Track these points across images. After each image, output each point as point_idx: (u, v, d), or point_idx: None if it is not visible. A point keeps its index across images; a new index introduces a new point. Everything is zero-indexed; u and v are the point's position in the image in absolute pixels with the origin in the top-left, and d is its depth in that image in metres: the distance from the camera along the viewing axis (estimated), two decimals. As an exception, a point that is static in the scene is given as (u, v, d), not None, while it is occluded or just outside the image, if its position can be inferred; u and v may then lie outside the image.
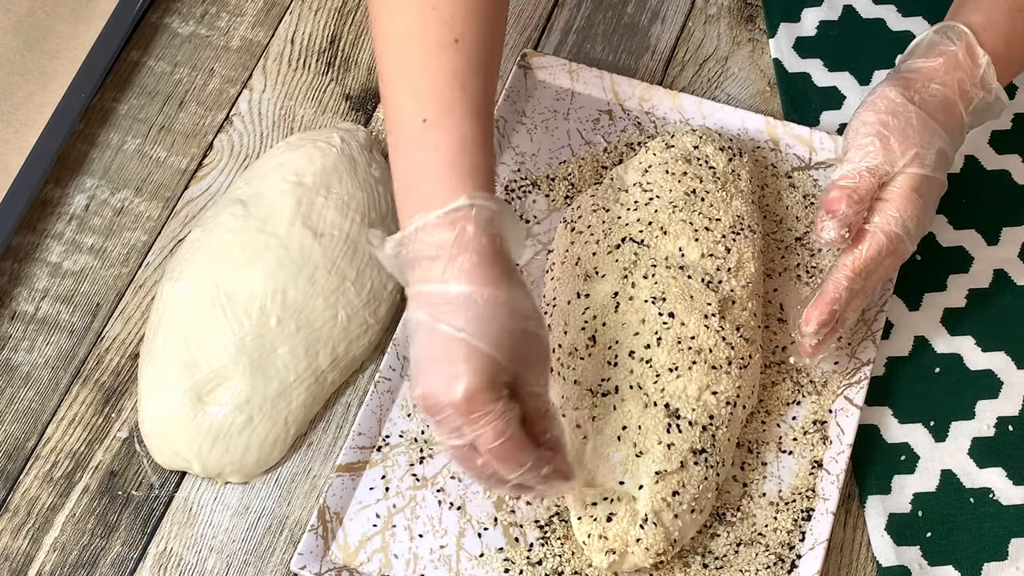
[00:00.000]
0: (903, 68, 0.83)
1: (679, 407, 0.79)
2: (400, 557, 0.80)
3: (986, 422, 0.85)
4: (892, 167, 0.79)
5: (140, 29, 1.04)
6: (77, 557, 0.82)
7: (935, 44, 0.82)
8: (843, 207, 0.78)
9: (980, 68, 0.81)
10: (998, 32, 0.82)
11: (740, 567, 0.80)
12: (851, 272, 0.80)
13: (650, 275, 0.83)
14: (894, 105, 0.80)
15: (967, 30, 0.82)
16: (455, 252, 0.69)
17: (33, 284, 0.92)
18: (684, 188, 0.87)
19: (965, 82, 0.82)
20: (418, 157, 0.72)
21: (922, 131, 0.80)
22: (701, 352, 0.80)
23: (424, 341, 0.69)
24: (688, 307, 0.82)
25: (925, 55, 0.82)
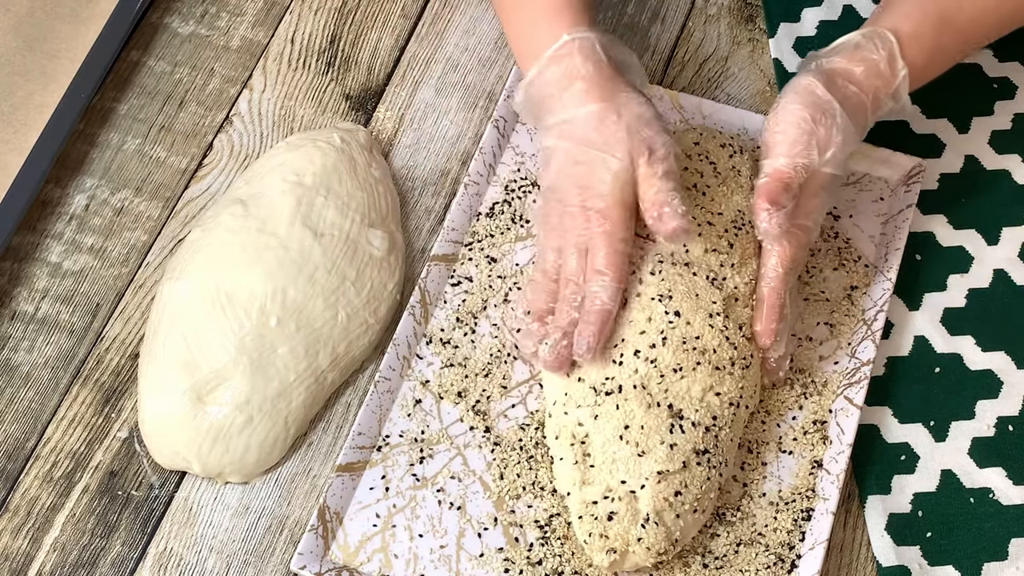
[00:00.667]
0: (824, 64, 0.84)
1: (682, 408, 0.79)
2: (400, 557, 0.80)
3: (986, 422, 0.85)
4: (817, 163, 0.81)
5: (140, 29, 1.04)
6: (77, 557, 0.82)
7: (860, 48, 0.84)
8: (784, 199, 0.80)
9: (896, 79, 0.83)
10: (923, 46, 0.84)
11: (740, 567, 0.80)
12: (783, 273, 0.82)
13: (657, 271, 0.83)
14: (821, 101, 0.81)
15: (893, 39, 0.83)
16: (567, 83, 0.82)
17: (33, 284, 0.92)
18: (685, 183, 0.87)
19: (880, 91, 0.83)
20: (523, 15, 0.86)
21: (844, 131, 0.81)
22: (705, 352, 0.80)
23: (556, 161, 0.82)
24: (694, 306, 0.82)
25: (848, 58, 0.84)
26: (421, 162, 0.98)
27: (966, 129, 0.97)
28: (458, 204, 0.92)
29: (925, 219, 0.93)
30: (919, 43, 0.84)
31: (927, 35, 0.84)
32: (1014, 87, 0.99)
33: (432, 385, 0.86)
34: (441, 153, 0.98)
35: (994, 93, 0.99)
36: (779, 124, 0.82)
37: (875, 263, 0.90)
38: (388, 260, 0.90)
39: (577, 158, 0.81)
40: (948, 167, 0.96)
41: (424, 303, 0.88)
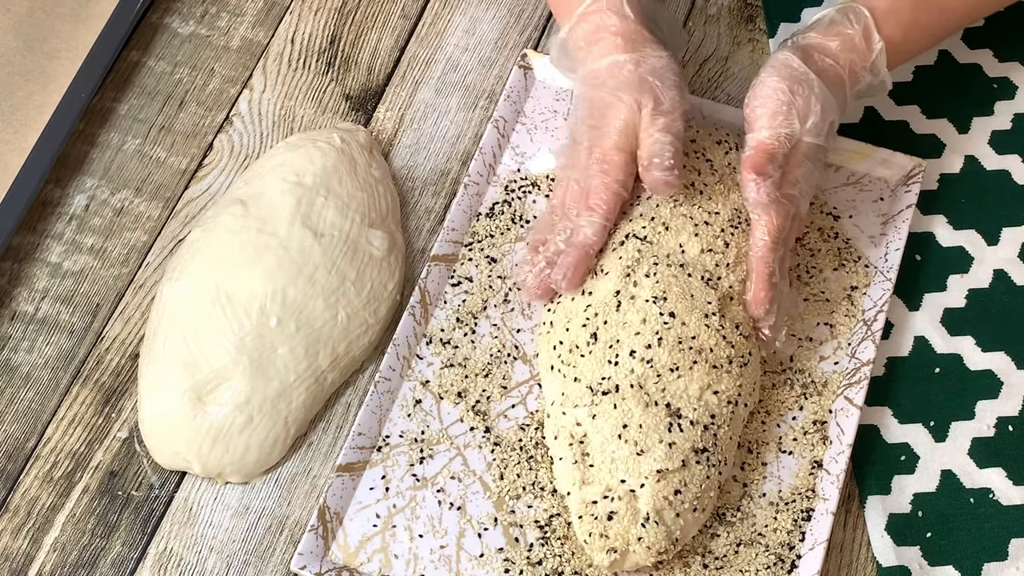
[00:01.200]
0: (800, 40, 0.86)
1: (680, 407, 0.79)
2: (400, 557, 0.80)
3: (986, 422, 0.85)
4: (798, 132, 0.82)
5: (140, 29, 1.04)
6: (77, 557, 0.82)
7: (835, 23, 0.85)
8: (770, 169, 0.81)
9: (873, 53, 0.85)
10: (899, 20, 0.85)
11: (740, 567, 0.80)
12: (771, 242, 0.82)
13: (652, 273, 0.83)
14: (798, 73, 0.83)
15: (867, 14, 0.85)
16: (595, 38, 0.86)
17: (33, 284, 0.92)
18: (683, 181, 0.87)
19: (856, 64, 0.85)
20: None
21: (822, 99, 0.83)
22: (702, 352, 0.81)
23: (578, 107, 0.87)
24: (689, 306, 0.82)
25: (823, 33, 0.85)
26: (421, 162, 0.98)
27: (966, 129, 0.97)
28: (458, 204, 0.92)
29: (925, 219, 0.93)
30: (896, 18, 0.85)
31: (904, 10, 0.85)
32: (1014, 87, 0.99)
33: (432, 385, 0.86)
34: (441, 153, 0.98)
35: (994, 93, 0.99)
36: (758, 98, 0.83)
37: (875, 263, 0.90)
38: (388, 260, 0.90)
39: (593, 102, 0.85)
40: (948, 167, 0.95)
41: (424, 303, 0.88)
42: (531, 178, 0.95)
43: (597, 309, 0.83)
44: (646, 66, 0.85)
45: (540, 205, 0.93)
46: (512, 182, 0.94)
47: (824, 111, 0.83)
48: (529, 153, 0.96)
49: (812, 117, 0.83)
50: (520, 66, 0.98)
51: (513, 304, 0.89)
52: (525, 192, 0.94)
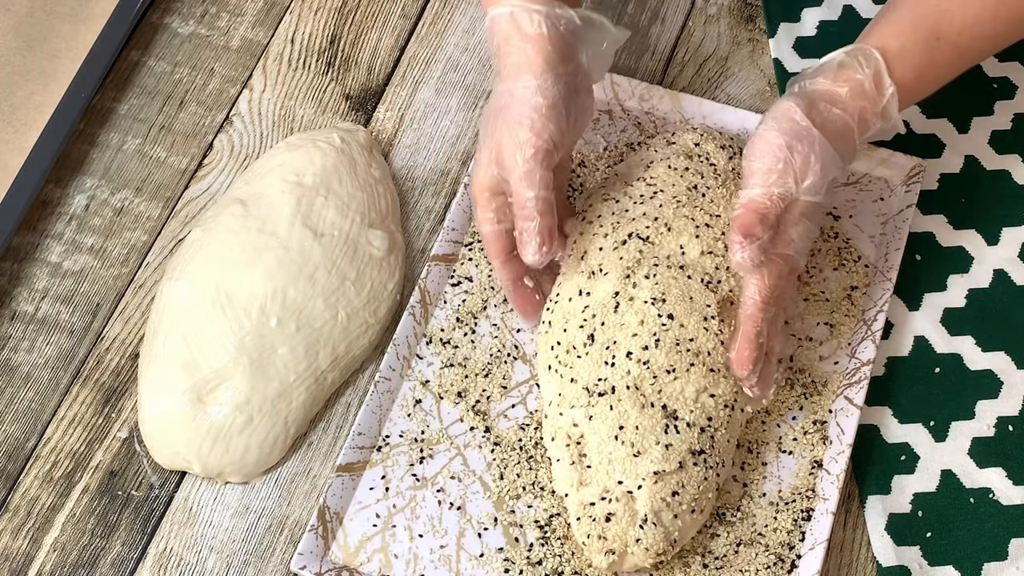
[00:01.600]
0: (807, 86, 0.81)
1: (677, 409, 0.79)
2: (400, 557, 0.80)
3: (986, 422, 0.85)
4: (794, 192, 0.79)
5: (140, 29, 1.04)
6: (77, 557, 0.82)
7: (844, 68, 0.81)
8: (759, 231, 0.78)
9: (884, 99, 0.81)
10: (912, 62, 0.81)
11: (740, 567, 0.80)
12: (761, 303, 0.80)
13: (652, 275, 0.83)
14: (799, 128, 0.79)
15: (879, 57, 0.81)
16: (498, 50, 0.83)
17: (33, 284, 0.92)
18: (686, 183, 0.87)
19: (866, 111, 0.81)
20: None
21: (823, 158, 0.79)
22: (699, 355, 0.80)
23: None
24: (688, 309, 0.81)
25: (833, 79, 0.81)
26: (421, 162, 0.98)
27: (966, 129, 0.97)
28: (458, 204, 0.92)
29: (925, 219, 0.93)
30: (908, 60, 0.81)
31: (916, 51, 0.81)
32: (1014, 87, 0.99)
33: (432, 385, 0.86)
34: (441, 153, 0.98)
35: (994, 93, 0.99)
36: (755, 152, 0.80)
37: (875, 263, 0.90)
38: (388, 260, 0.90)
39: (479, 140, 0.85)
40: (948, 167, 0.95)
41: (424, 303, 0.88)
42: (531, 178, 0.95)
43: (595, 310, 0.83)
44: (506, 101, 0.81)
45: (540, 205, 0.93)
46: (512, 182, 0.94)
47: (824, 169, 0.79)
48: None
49: (811, 176, 0.79)
50: (520, 66, 0.98)
51: (513, 304, 0.89)
52: (525, 192, 0.94)
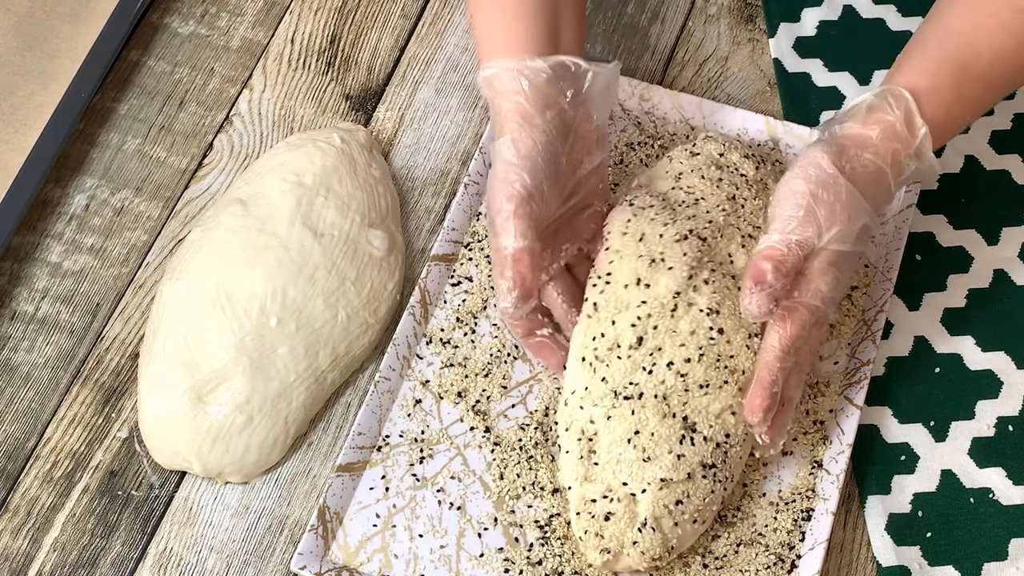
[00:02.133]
0: (837, 132, 0.80)
1: (697, 422, 0.78)
2: (400, 557, 0.80)
3: (986, 422, 0.85)
4: (818, 241, 0.77)
5: (140, 29, 1.04)
6: (77, 557, 0.82)
7: (874, 110, 0.79)
8: (771, 279, 0.76)
9: (917, 139, 0.79)
10: (942, 99, 0.79)
11: (740, 567, 0.80)
12: (780, 352, 0.77)
13: (711, 280, 0.81)
14: (825, 176, 0.77)
15: (909, 97, 0.79)
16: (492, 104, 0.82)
17: (33, 284, 0.92)
18: (724, 193, 0.86)
19: (900, 153, 0.79)
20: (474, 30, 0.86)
21: (850, 206, 0.77)
22: (735, 373, 0.79)
23: None
24: (736, 325, 0.80)
25: (863, 122, 0.79)
26: (421, 162, 0.98)
27: (966, 129, 0.97)
28: (458, 204, 0.92)
29: (925, 219, 0.93)
30: (939, 97, 0.79)
31: (946, 87, 0.79)
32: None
33: (432, 385, 0.86)
34: (441, 153, 0.98)
35: (994, 93, 0.99)
36: (778, 199, 0.78)
37: (875, 263, 0.90)
38: (388, 260, 0.90)
39: None
40: (948, 167, 0.95)
41: (424, 303, 0.88)
42: (531, 178, 0.95)
43: (652, 309, 0.80)
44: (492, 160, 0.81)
45: (540, 205, 0.93)
46: (512, 182, 0.94)
47: (852, 218, 0.77)
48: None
49: (837, 226, 0.76)
50: (520, 66, 0.98)
51: (513, 304, 0.89)
52: (525, 192, 0.94)
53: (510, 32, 0.82)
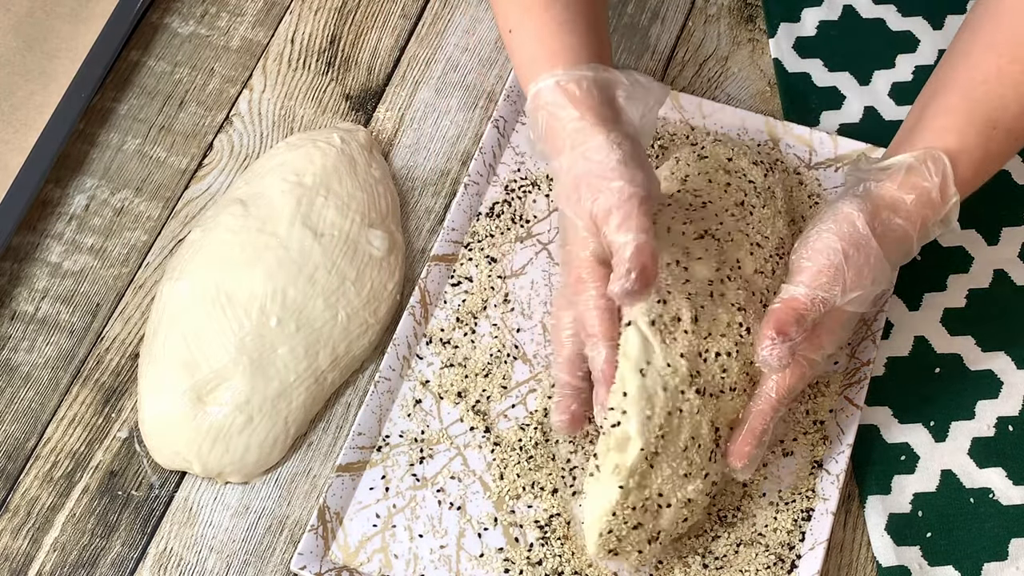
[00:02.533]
0: (873, 190, 0.78)
1: (722, 434, 0.76)
2: (400, 557, 0.80)
3: (986, 422, 0.85)
4: (839, 300, 0.76)
5: (140, 29, 1.04)
6: (77, 557, 0.82)
7: (912, 173, 0.77)
8: (794, 332, 0.75)
9: (947, 207, 0.78)
10: (971, 159, 0.78)
11: (740, 567, 0.80)
12: (776, 403, 0.77)
13: (735, 278, 0.79)
14: (859, 237, 0.76)
15: (947, 163, 0.77)
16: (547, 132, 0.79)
17: (33, 284, 0.92)
18: (733, 199, 0.85)
19: (929, 219, 0.78)
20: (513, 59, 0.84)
21: (876, 270, 0.76)
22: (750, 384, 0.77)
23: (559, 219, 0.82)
24: (757, 329, 0.78)
25: (899, 185, 0.77)
26: (421, 162, 0.98)
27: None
28: (458, 204, 0.92)
29: (925, 219, 0.93)
30: (968, 157, 0.78)
31: (974, 146, 0.78)
32: (1014, 87, 0.99)
33: (432, 385, 0.86)
34: (441, 153, 0.98)
35: (994, 93, 0.99)
36: (809, 251, 0.76)
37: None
38: (388, 260, 0.90)
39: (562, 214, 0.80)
40: (948, 167, 0.95)
41: (424, 303, 0.88)
42: (531, 178, 0.95)
43: (696, 288, 0.78)
44: (587, 165, 0.76)
45: (540, 204, 0.93)
46: (512, 182, 0.95)
47: (875, 282, 0.76)
48: (529, 153, 0.96)
49: (859, 290, 0.76)
50: (520, 66, 0.98)
51: (513, 304, 0.89)
52: (525, 192, 0.94)
53: (564, 42, 0.79)
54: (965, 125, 0.78)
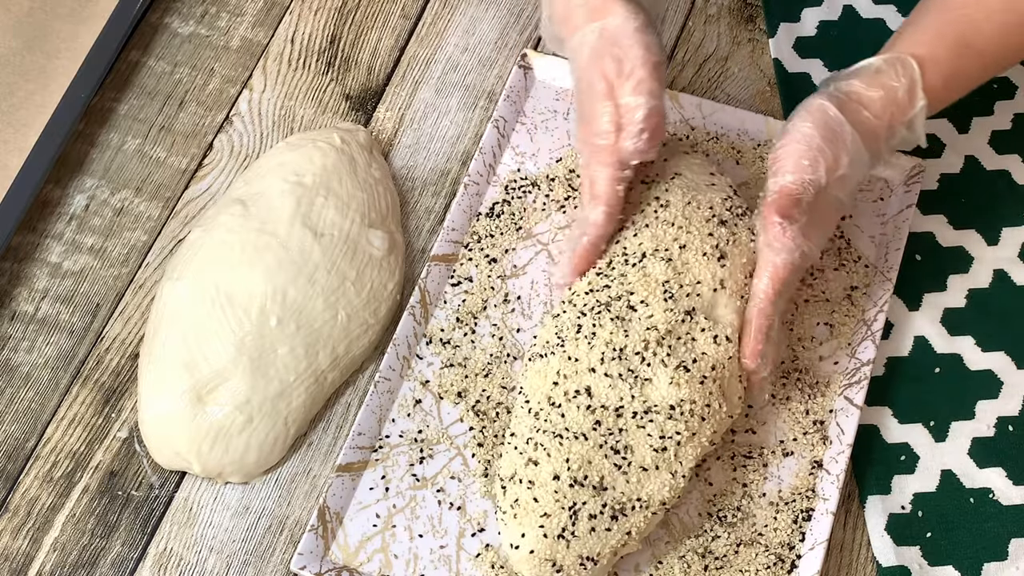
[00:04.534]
0: (842, 87, 0.80)
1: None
2: (400, 557, 0.80)
3: (986, 422, 0.85)
4: (824, 182, 0.78)
5: (140, 29, 1.04)
6: (77, 557, 0.82)
7: (881, 73, 0.80)
8: (797, 213, 0.77)
9: (914, 109, 0.80)
10: (940, 71, 0.80)
11: (740, 567, 0.80)
12: (773, 296, 0.79)
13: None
14: (831, 120, 0.79)
15: (915, 67, 0.80)
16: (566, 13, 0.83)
17: (33, 284, 0.92)
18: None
19: (895, 119, 0.80)
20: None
21: (852, 153, 0.79)
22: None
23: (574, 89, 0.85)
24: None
25: (868, 82, 0.80)
26: (421, 162, 0.98)
27: (966, 129, 0.97)
28: (458, 204, 0.92)
29: (925, 219, 0.93)
30: (936, 67, 0.80)
31: (944, 60, 0.80)
32: (1014, 87, 0.99)
33: (432, 385, 0.86)
34: (441, 153, 0.98)
35: (994, 93, 0.99)
36: (788, 140, 0.79)
37: (875, 263, 0.90)
38: (388, 260, 0.90)
39: (576, 86, 0.84)
40: (948, 167, 0.96)
41: (424, 303, 0.88)
42: (531, 178, 0.95)
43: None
44: (606, 35, 0.81)
45: (540, 205, 0.93)
46: (512, 182, 0.94)
47: (852, 166, 0.79)
48: (529, 153, 0.96)
49: (840, 170, 0.78)
50: (520, 66, 0.98)
51: (513, 304, 0.89)
52: (525, 192, 0.94)
53: None
54: (936, 38, 0.81)
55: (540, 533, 0.75)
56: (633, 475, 0.76)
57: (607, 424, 0.76)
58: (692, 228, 0.82)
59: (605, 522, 0.75)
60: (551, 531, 0.75)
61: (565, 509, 0.75)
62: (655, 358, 0.78)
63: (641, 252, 0.81)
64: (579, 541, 0.75)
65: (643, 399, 0.77)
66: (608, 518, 0.75)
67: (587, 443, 0.76)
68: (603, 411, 0.77)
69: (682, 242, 0.81)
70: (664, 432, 0.76)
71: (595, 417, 0.76)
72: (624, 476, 0.76)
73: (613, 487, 0.76)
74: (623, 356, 0.78)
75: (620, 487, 0.76)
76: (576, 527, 0.75)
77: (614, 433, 0.76)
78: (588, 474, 0.75)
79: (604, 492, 0.75)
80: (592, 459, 0.76)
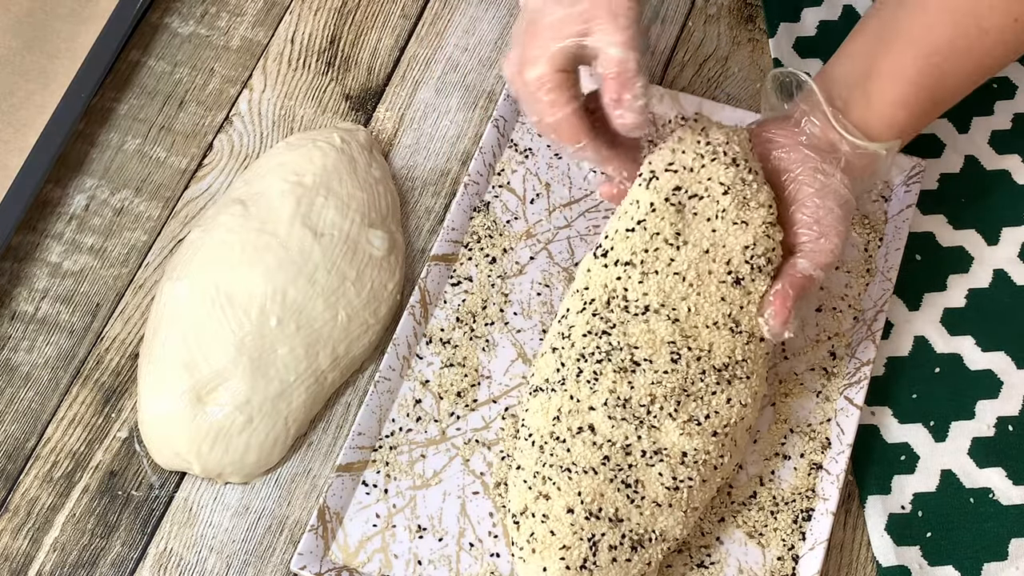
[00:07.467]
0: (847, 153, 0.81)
1: None
2: (400, 557, 0.80)
3: (986, 422, 0.86)
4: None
5: (140, 29, 1.04)
6: (77, 557, 0.82)
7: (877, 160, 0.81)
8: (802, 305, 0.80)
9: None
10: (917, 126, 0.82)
11: (740, 566, 0.80)
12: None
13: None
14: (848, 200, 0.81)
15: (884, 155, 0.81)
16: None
17: (33, 284, 0.92)
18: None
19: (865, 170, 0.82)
20: None
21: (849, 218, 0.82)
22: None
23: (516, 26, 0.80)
24: None
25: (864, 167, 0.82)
26: (421, 162, 0.98)
27: (966, 129, 0.97)
28: (458, 204, 0.92)
29: (925, 219, 0.93)
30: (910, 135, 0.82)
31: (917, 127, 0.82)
32: (1014, 87, 0.99)
33: (432, 385, 0.86)
34: (441, 153, 0.98)
35: (994, 93, 0.99)
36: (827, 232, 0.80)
37: (875, 263, 0.90)
38: (388, 260, 0.90)
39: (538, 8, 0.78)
40: (948, 167, 0.96)
41: (424, 303, 0.88)
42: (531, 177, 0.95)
43: None
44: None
45: (540, 204, 0.93)
46: (512, 182, 0.94)
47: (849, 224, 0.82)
48: (529, 152, 0.96)
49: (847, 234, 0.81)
50: (520, 66, 0.98)
51: (513, 304, 0.89)
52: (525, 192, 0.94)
53: None
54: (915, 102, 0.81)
55: (562, 565, 0.74)
56: (647, 509, 0.75)
57: (616, 460, 0.75)
58: (703, 290, 0.77)
59: (626, 552, 0.75)
60: (573, 563, 0.74)
61: (584, 540, 0.74)
62: (662, 412, 0.76)
63: (645, 305, 0.77)
64: (601, 571, 0.74)
65: (652, 440, 0.76)
66: (628, 548, 0.75)
67: (597, 477, 0.75)
68: (610, 446, 0.75)
69: (691, 303, 0.77)
70: (676, 475, 0.75)
71: (603, 452, 0.75)
72: (638, 509, 0.75)
73: (628, 519, 0.75)
74: (627, 405, 0.76)
75: (635, 519, 0.75)
76: (597, 558, 0.74)
77: (623, 468, 0.75)
78: (603, 507, 0.75)
79: (621, 523, 0.75)
80: (604, 492, 0.75)
